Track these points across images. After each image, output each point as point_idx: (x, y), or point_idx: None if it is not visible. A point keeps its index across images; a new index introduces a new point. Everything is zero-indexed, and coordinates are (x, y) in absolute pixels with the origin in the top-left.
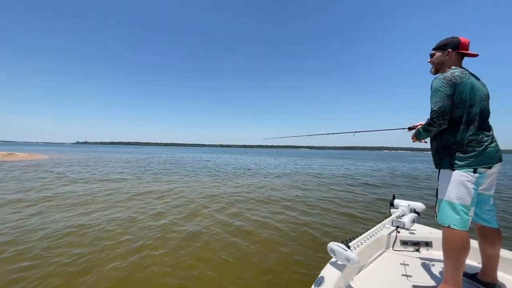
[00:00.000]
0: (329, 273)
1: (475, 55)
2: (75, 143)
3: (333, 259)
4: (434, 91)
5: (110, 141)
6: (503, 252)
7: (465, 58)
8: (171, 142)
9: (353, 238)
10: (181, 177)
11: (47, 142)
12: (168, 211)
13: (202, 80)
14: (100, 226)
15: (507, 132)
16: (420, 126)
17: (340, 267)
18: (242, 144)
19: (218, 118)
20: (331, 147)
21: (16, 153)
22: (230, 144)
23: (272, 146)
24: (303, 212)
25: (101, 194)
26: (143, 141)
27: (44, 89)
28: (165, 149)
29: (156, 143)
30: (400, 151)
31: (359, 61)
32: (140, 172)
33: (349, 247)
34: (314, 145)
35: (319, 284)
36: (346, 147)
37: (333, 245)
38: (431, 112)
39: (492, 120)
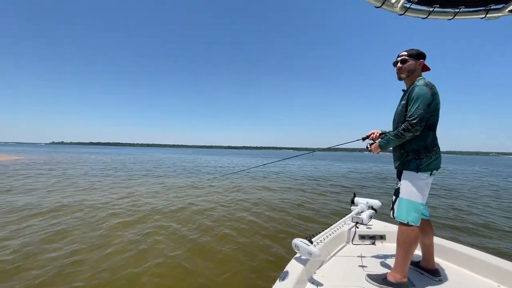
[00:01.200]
0: (293, 267)
1: (428, 69)
2: (50, 143)
3: (297, 255)
4: (418, 96)
5: (89, 142)
6: (436, 240)
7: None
8: (153, 143)
9: (316, 234)
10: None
11: (18, 142)
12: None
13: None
14: None
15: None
16: (377, 134)
17: (304, 262)
18: (227, 145)
19: (202, 119)
20: (315, 148)
21: None
22: (213, 145)
23: (256, 147)
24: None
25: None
26: (124, 142)
27: (18, 86)
28: (142, 150)
29: (138, 144)
30: (382, 153)
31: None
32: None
33: (312, 242)
34: (299, 147)
35: (283, 279)
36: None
37: (297, 241)
38: (410, 118)
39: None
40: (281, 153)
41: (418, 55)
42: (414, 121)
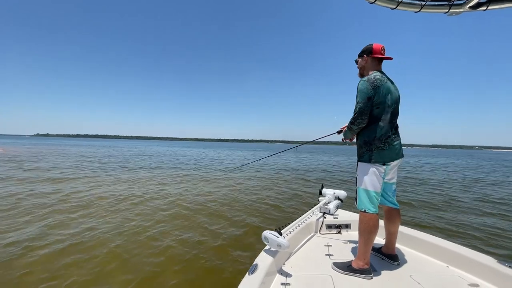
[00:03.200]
0: (262, 260)
1: (390, 58)
2: (34, 135)
3: (267, 247)
4: (358, 91)
5: (76, 134)
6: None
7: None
8: (142, 135)
9: (285, 226)
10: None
11: (1, 134)
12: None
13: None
14: None
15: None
16: (345, 127)
17: (273, 253)
18: (217, 138)
19: (196, 112)
20: (305, 141)
21: None
22: (206, 138)
23: (247, 141)
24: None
25: None
26: (112, 134)
27: (2, 76)
28: (129, 142)
29: (126, 136)
30: None
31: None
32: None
33: (281, 234)
34: (289, 140)
35: (253, 271)
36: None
37: (266, 233)
38: (354, 112)
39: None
40: (272, 146)
41: (362, 52)
42: (355, 115)
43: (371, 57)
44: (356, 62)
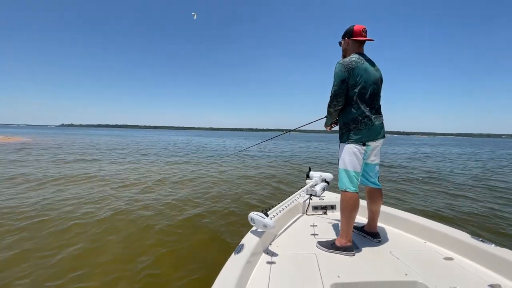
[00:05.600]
0: (248, 240)
1: (371, 40)
2: (59, 125)
3: (253, 228)
4: (334, 75)
5: (97, 124)
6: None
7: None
8: (161, 125)
9: (272, 207)
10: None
11: (29, 125)
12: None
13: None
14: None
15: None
16: None
17: (259, 234)
18: (233, 127)
19: (215, 101)
20: (311, 130)
21: None
22: (222, 127)
23: (263, 130)
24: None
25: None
26: (131, 124)
27: (28, 68)
28: (147, 132)
29: (145, 126)
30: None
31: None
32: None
33: (267, 215)
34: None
35: (239, 251)
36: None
37: (253, 214)
38: (330, 96)
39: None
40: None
41: (344, 35)
42: (330, 98)
43: (352, 40)
44: (340, 44)
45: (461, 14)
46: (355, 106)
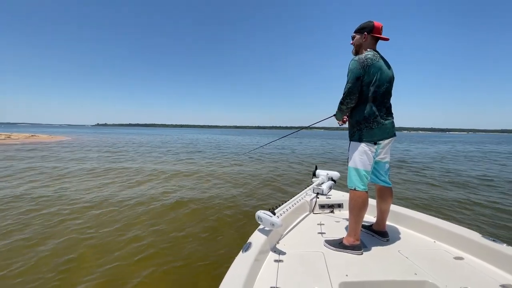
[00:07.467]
0: (256, 238)
1: (387, 39)
2: (95, 125)
3: (260, 226)
4: (348, 72)
5: (128, 123)
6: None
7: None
8: (185, 123)
9: (279, 206)
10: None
11: (69, 124)
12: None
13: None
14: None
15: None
16: None
17: (266, 232)
18: (256, 125)
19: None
20: (334, 127)
21: (38, 135)
22: (243, 125)
23: (275, 127)
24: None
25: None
26: (159, 123)
27: (67, 73)
28: (174, 131)
29: (171, 124)
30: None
31: None
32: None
33: (274, 214)
34: (329, 126)
35: (246, 249)
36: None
37: (260, 213)
38: (343, 92)
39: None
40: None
41: (362, 29)
42: (344, 95)
43: (371, 36)
44: (353, 38)
45: None
46: (368, 105)
